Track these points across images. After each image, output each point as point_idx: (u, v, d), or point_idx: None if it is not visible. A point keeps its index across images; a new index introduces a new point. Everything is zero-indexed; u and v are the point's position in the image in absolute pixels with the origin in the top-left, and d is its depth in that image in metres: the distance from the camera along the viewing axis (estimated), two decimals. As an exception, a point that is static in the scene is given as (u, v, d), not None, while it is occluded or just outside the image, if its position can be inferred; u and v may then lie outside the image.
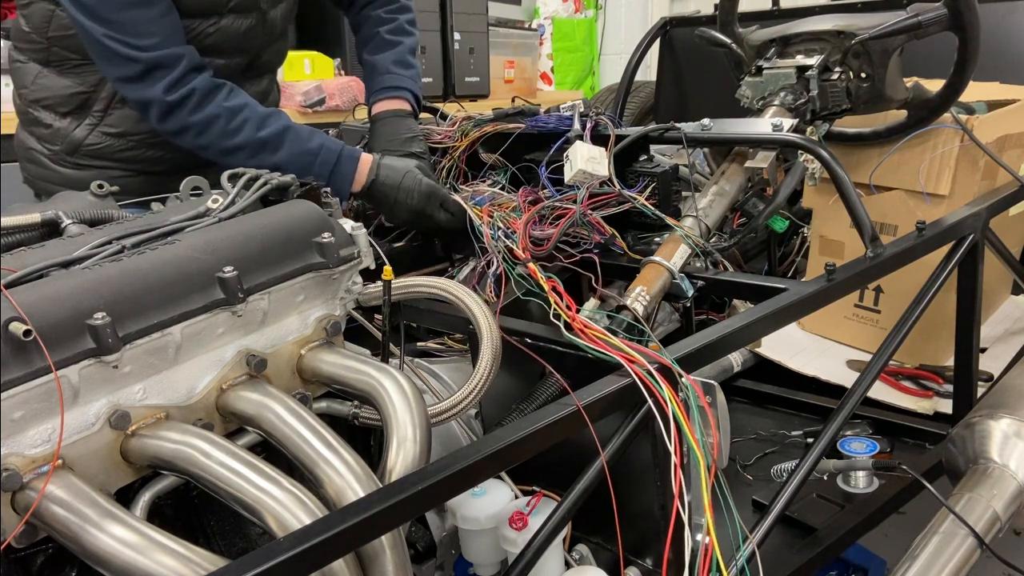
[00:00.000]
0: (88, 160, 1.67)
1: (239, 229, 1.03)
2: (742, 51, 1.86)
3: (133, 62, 1.44)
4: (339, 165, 1.52)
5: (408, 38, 1.86)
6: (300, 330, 1.06)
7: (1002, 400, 1.37)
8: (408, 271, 1.47)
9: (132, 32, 1.42)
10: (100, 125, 1.64)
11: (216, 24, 1.59)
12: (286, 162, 1.49)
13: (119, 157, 1.67)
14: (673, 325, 1.67)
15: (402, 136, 1.68)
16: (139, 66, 1.44)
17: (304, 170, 1.48)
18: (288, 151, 1.51)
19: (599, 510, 1.00)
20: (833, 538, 1.35)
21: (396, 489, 0.80)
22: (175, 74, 1.45)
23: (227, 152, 1.50)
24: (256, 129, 1.50)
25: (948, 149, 1.68)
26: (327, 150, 1.53)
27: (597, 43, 6.00)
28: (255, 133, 1.49)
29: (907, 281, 1.54)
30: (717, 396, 1.03)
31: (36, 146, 1.69)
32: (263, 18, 1.68)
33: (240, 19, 1.63)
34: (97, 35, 1.42)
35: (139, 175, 1.67)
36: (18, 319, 0.78)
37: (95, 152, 1.66)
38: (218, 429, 0.96)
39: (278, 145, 1.50)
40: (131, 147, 1.67)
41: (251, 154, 1.49)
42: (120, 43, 1.42)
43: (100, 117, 1.64)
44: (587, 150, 1.45)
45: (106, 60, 1.47)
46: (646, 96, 3.46)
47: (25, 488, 0.80)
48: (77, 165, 1.67)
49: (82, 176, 1.65)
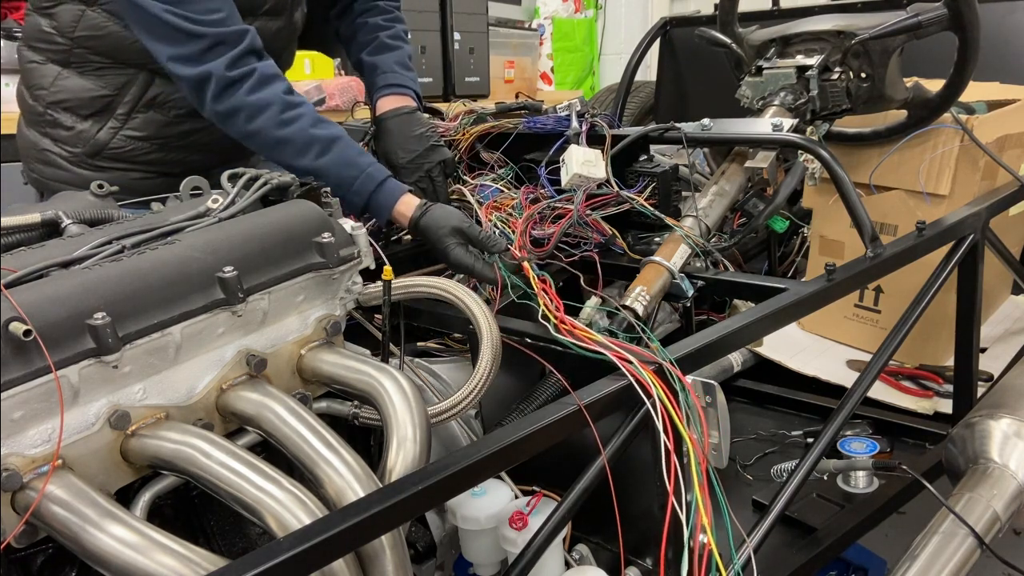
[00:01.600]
0: (110, 163, 1.65)
1: (239, 229, 1.03)
2: (742, 51, 1.86)
3: (197, 38, 1.39)
4: (378, 192, 1.44)
5: (407, 45, 1.84)
6: (300, 330, 1.06)
7: (1002, 400, 1.37)
8: (408, 271, 1.47)
9: (198, 7, 1.38)
10: (124, 128, 1.63)
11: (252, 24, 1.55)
12: (329, 168, 1.43)
13: (142, 160, 1.66)
14: (673, 325, 1.67)
15: (415, 132, 1.64)
16: (204, 42, 1.39)
17: (343, 184, 1.43)
18: (334, 158, 1.44)
19: (599, 510, 1.00)
20: (833, 538, 1.35)
21: (396, 489, 0.80)
22: (238, 50, 1.40)
23: (275, 143, 1.44)
24: (310, 125, 1.44)
25: (948, 149, 1.68)
26: (374, 169, 1.46)
27: (597, 43, 6.00)
28: (308, 128, 1.43)
29: (907, 281, 1.54)
30: (717, 396, 1.03)
31: (53, 148, 1.66)
32: (290, 20, 1.67)
33: (272, 21, 1.62)
34: (156, 11, 1.37)
35: (160, 176, 1.66)
36: (18, 319, 0.78)
37: (118, 155, 1.64)
38: (218, 429, 0.96)
39: (326, 148, 1.44)
40: (155, 150, 1.65)
41: (298, 150, 1.44)
42: (183, 19, 1.38)
43: (124, 120, 1.62)
44: (582, 153, 1.45)
45: (165, 39, 1.41)
46: (646, 96, 3.46)
47: (25, 488, 0.80)
48: (97, 167, 1.65)
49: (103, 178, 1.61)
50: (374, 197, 1.44)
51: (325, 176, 1.41)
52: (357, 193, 1.44)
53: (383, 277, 1.14)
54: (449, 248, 1.32)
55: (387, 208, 1.43)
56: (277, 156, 1.45)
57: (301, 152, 1.43)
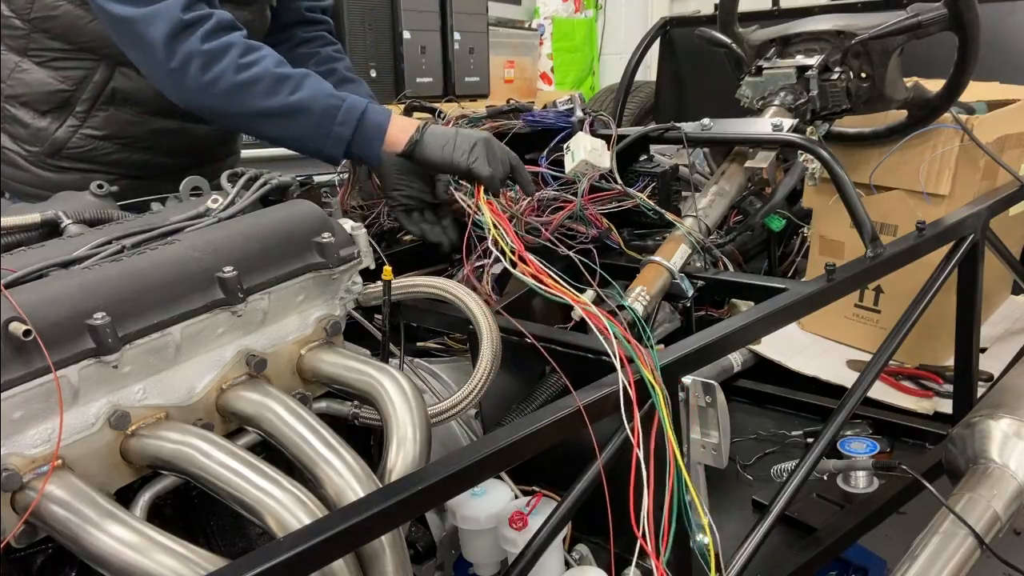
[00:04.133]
0: (70, 163, 1.57)
1: (239, 229, 1.03)
2: (742, 51, 1.86)
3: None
4: (367, 114, 1.34)
5: None
6: (300, 330, 1.06)
7: (1002, 400, 1.37)
8: (408, 271, 1.47)
9: None
10: (83, 126, 1.56)
11: None
12: (308, 103, 1.32)
13: (104, 160, 1.58)
14: (673, 325, 1.66)
15: None
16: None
17: (328, 115, 1.32)
18: (311, 92, 1.32)
19: (599, 510, 1.00)
20: (833, 538, 1.35)
21: (396, 489, 0.80)
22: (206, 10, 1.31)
23: (239, 88, 1.31)
24: (275, 65, 1.33)
25: (948, 149, 1.67)
26: (354, 98, 1.35)
27: (597, 43, 6.01)
28: (273, 68, 1.32)
29: (907, 281, 1.54)
30: (717, 396, 1.03)
31: (11, 146, 1.59)
32: (261, 14, 1.60)
33: (238, 11, 1.52)
34: None
35: (124, 179, 1.56)
36: (18, 319, 0.78)
37: (78, 155, 1.57)
38: (218, 429, 0.96)
39: (299, 84, 1.32)
40: (117, 150, 1.59)
41: (268, 89, 1.31)
42: None
43: (83, 118, 1.55)
44: (589, 141, 1.45)
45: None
46: (646, 96, 3.46)
47: (25, 488, 0.80)
48: (58, 168, 1.58)
49: (62, 180, 1.56)
50: (362, 125, 1.34)
51: (306, 111, 1.31)
52: (343, 124, 1.33)
53: (383, 277, 1.14)
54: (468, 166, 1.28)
55: (379, 132, 1.34)
56: (244, 102, 1.33)
57: (271, 91, 1.32)
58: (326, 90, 1.35)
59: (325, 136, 1.33)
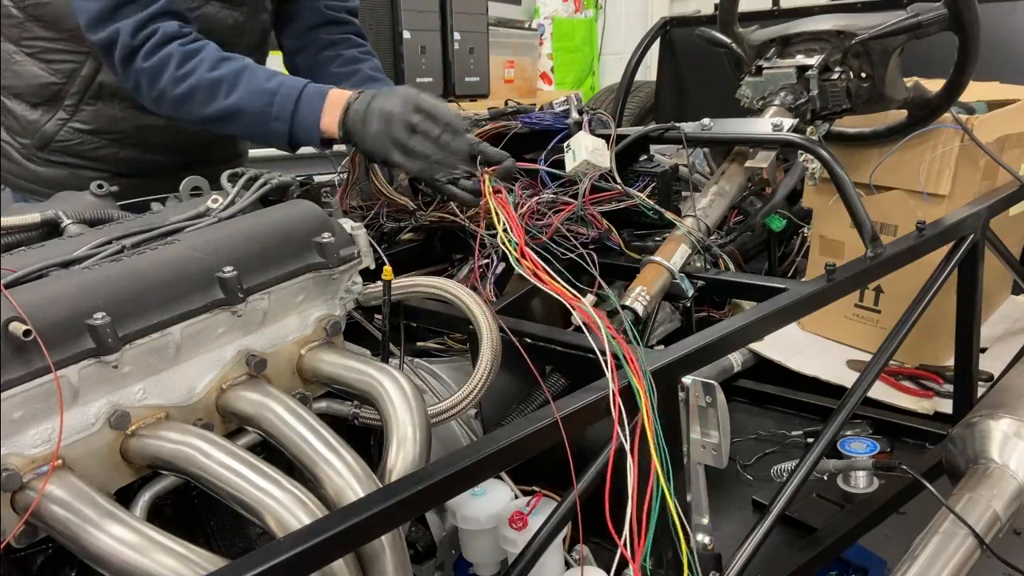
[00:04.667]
0: (60, 157, 1.59)
1: (239, 229, 1.03)
2: (742, 51, 1.86)
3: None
4: (301, 104, 1.31)
5: None
6: (300, 330, 1.06)
7: (1002, 400, 1.37)
8: (408, 271, 1.47)
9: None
10: (72, 120, 1.57)
11: (199, 10, 1.47)
12: (242, 104, 1.31)
13: (92, 155, 1.59)
14: (673, 325, 1.67)
15: None
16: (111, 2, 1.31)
17: (263, 114, 1.31)
18: (243, 91, 1.31)
19: (599, 510, 1.00)
20: (833, 538, 1.35)
21: (396, 489, 0.80)
22: (145, 13, 1.31)
23: (181, 101, 1.33)
24: (209, 69, 1.31)
25: (948, 149, 1.67)
26: (287, 87, 1.31)
27: (597, 43, 6.01)
28: (206, 73, 1.31)
29: (907, 281, 1.54)
30: (717, 396, 1.03)
31: (5, 138, 1.61)
32: (254, 15, 1.59)
33: (226, 10, 1.52)
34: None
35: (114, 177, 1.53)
36: (18, 319, 0.78)
37: (66, 149, 1.58)
38: (218, 429, 0.96)
39: (233, 86, 1.31)
40: (105, 145, 1.59)
41: (206, 97, 1.31)
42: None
43: (72, 111, 1.56)
44: (591, 141, 1.45)
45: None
46: (646, 96, 3.46)
47: (25, 488, 0.80)
48: (48, 162, 1.60)
49: (52, 175, 1.58)
50: (297, 117, 1.30)
51: (240, 113, 1.31)
52: (278, 119, 1.31)
53: (383, 277, 1.14)
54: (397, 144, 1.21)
55: (314, 123, 1.29)
56: (190, 112, 1.34)
57: (209, 98, 1.32)
58: (259, 86, 1.32)
59: (267, 133, 1.33)
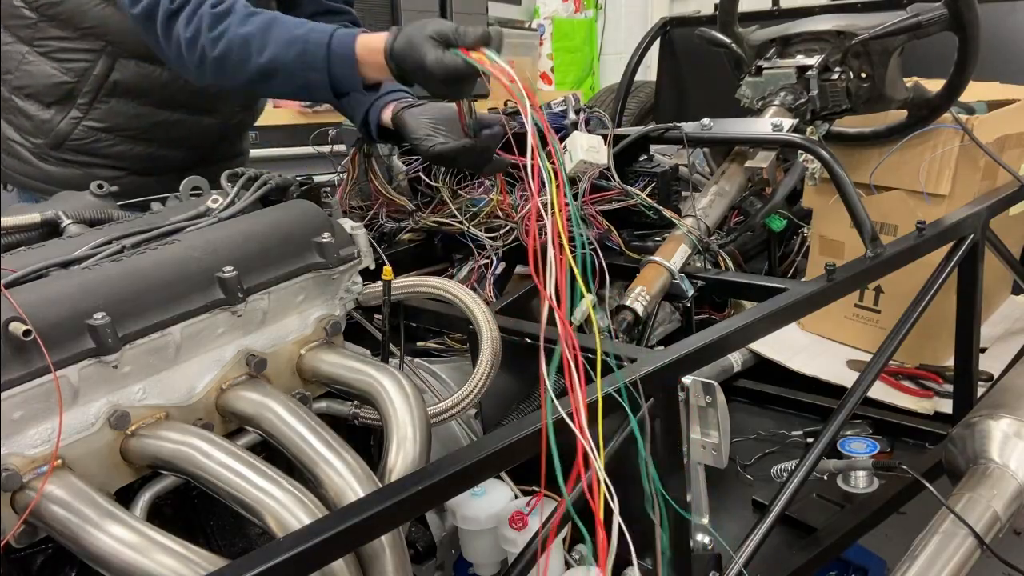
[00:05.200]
0: (73, 155, 1.59)
1: (239, 229, 1.03)
2: (742, 51, 1.86)
3: None
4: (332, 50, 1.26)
5: None
6: (300, 330, 1.06)
7: (1002, 400, 1.37)
8: (408, 271, 1.47)
9: None
10: (86, 118, 1.57)
11: None
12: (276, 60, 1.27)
13: (106, 153, 1.60)
14: (673, 325, 1.67)
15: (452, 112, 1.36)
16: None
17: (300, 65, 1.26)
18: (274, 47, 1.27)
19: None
20: (833, 538, 1.35)
21: (396, 489, 0.80)
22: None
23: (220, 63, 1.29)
24: (239, 26, 1.28)
25: (948, 149, 1.67)
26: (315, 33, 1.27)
27: (597, 43, 6.00)
28: (238, 29, 1.28)
29: (907, 281, 1.54)
30: (717, 396, 1.03)
31: (16, 138, 1.61)
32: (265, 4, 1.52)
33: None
34: None
35: (128, 174, 1.60)
36: (18, 319, 0.78)
37: (81, 147, 1.59)
38: (218, 429, 0.96)
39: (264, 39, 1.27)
40: (119, 142, 1.59)
41: (239, 59, 1.28)
42: None
43: (86, 110, 1.56)
44: (586, 140, 1.45)
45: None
46: (646, 96, 3.46)
47: (25, 488, 0.80)
48: (62, 161, 1.60)
49: (66, 174, 1.58)
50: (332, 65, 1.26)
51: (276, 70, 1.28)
52: (314, 69, 1.27)
53: (383, 277, 1.14)
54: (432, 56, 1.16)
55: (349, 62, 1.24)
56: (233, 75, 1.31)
57: (243, 58, 1.29)
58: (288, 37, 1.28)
59: (307, 85, 1.29)
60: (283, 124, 3.38)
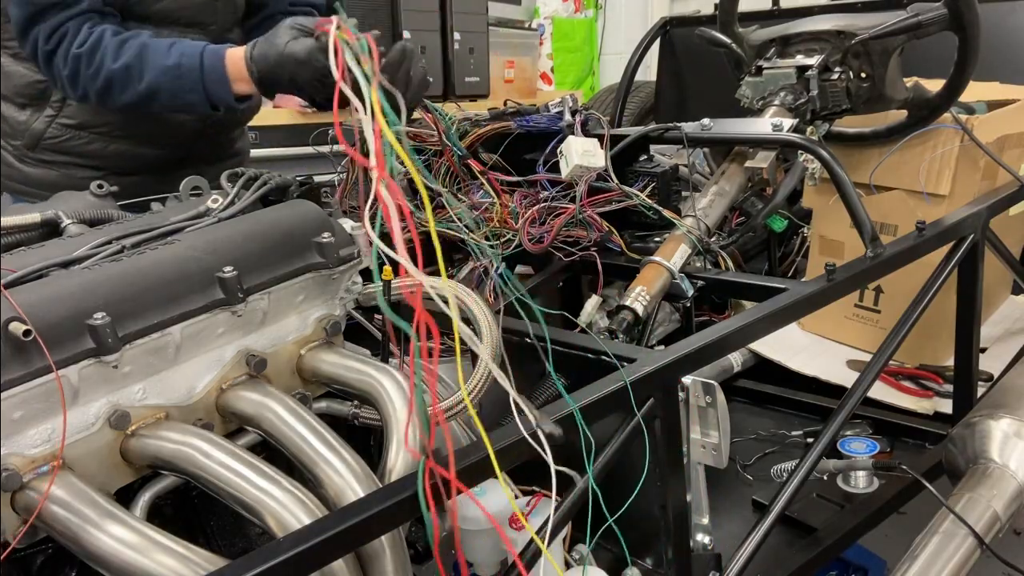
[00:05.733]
0: (51, 155, 1.60)
1: (239, 229, 1.03)
2: (742, 51, 1.86)
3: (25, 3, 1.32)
4: (205, 72, 1.31)
5: None
6: (300, 330, 1.06)
7: (1002, 400, 1.37)
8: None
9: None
10: (59, 116, 1.57)
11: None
12: (154, 85, 1.33)
13: (81, 151, 1.59)
14: (673, 325, 1.67)
15: None
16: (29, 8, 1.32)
17: (176, 88, 1.31)
18: (151, 73, 1.33)
19: (599, 510, 1.00)
20: (833, 538, 1.35)
21: (396, 489, 0.80)
22: (56, 19, 1.32)
23: (103, 95, 1.35)
24: (113, 59, 1.32)
25: (948, 149, 1.67)
26: (187, 58, 1.32)
27: (597, 43, 6.00)
28: (113, 64, 1.32)
29: (907, 281, 1.54)
30: (717, 396, 1.03)
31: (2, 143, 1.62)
32: None
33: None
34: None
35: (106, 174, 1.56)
36: (18, 319, 0.78)
37: (56, 146, 1.59)
38: (218, 429, 0.96)
39: (141, 70, 1.32)
40: (93, 140, 1.59)
41: (122, 88, 1.33)
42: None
43: (58, 108, 1.56)
44: (580, 144, 1.45)
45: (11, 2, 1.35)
46: (646, 96, 3.46)
47: (25, 488, 0.80)
48: (40, 162, 1.60)
49: (44, 175, 1.59)
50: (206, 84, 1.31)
51: (157, 92, 1.32)
52: (192, 91, 1.33)
53: (383, 277, 1.14)
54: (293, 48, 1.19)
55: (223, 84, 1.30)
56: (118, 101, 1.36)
57: (125, 86, 1.34)
58: (162, 63, 1.33)
59: (187, 104, 1.34)
60: (283, 124, 3.38)
